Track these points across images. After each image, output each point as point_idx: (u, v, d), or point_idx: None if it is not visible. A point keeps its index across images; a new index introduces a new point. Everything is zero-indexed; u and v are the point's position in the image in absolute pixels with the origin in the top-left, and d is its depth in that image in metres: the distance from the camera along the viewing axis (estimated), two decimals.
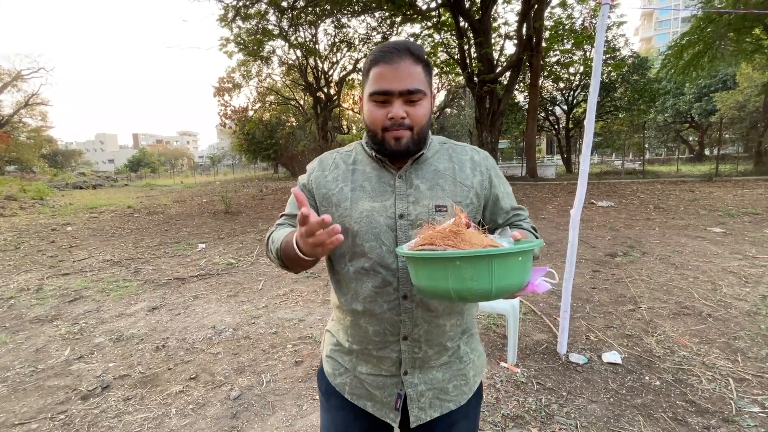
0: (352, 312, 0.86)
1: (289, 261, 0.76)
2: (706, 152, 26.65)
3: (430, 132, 0.87)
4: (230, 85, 24.05)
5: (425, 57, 0.80)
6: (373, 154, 0.85)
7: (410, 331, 0.83)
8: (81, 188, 20.23)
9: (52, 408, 2.10)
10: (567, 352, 2.51)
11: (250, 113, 26.15)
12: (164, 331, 3.04)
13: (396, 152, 0.80)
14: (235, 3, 12.78)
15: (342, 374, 0.91)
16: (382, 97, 0.77)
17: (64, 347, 2.81)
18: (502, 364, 2.41)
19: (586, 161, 2.34)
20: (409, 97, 0.77)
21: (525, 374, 2.29)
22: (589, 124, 2.30)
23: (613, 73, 18.28)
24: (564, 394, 2.10)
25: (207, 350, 2.72)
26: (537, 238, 0.83)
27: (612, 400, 2.04)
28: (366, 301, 0.82)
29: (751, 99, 19.82)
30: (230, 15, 13.24)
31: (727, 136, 21.69)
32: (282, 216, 0.92)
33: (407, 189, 0.83)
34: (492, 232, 0.78)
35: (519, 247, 0.61)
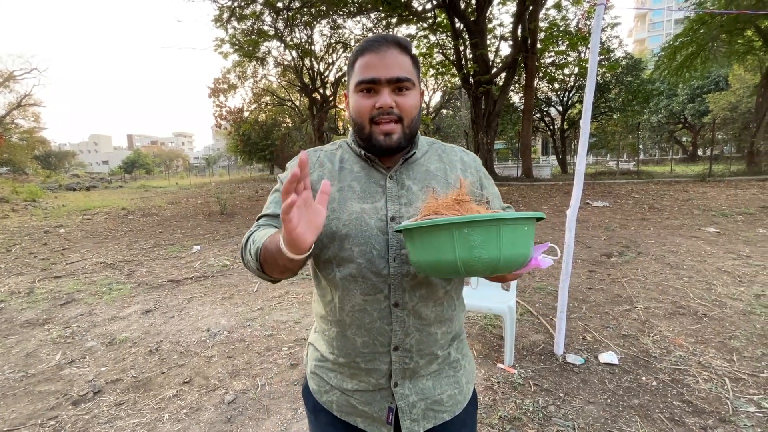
0: (339, 322, 0.80)
1: (269, 260, 0.66)
2: (700, 153, 26.91)
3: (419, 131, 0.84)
4: (226, 86, 23.94)
5: (412, 50, 0.77)
6: (362, 152, 0.80)
7: (401, 341, 0.78)
8: (74, 190, 20.05)
9: (42, 414, 2.06)
10: (564, 352, 2.50)
11: (246, 114, 26.06)
12: (158, 335, 3.00)
13: (386, 149, 0.76)
14: (230, 4, 12.73)
15: (328, 392, 0.85)
16: (369, 86, 0.73)
17: (55, 351, 2.76)
18: (500, 365, 2.40)
19: (582, 162, 2.34)
20: (398, 84, 0.73)
21: (522, 375, 2.28)
22: (585, 125, 2.30)
23: (607, 75, 18.42)
24: (561, 395, 2.09)
25: (201, 353, 2.69)
26: None
27: (609, 400, 2.03)
28: (354, 310, 0.78)
29: (743, 100, 20.04)
30: (225, 16, 13.20)
31: (719, 136, 21.92)
32: (262, 217, 0.83)
33: (399, 190, 0.79)
34: None
35: (526, 214, 0.59)
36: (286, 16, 13.94)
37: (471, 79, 13.58)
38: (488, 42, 14.45)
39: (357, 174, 0.80)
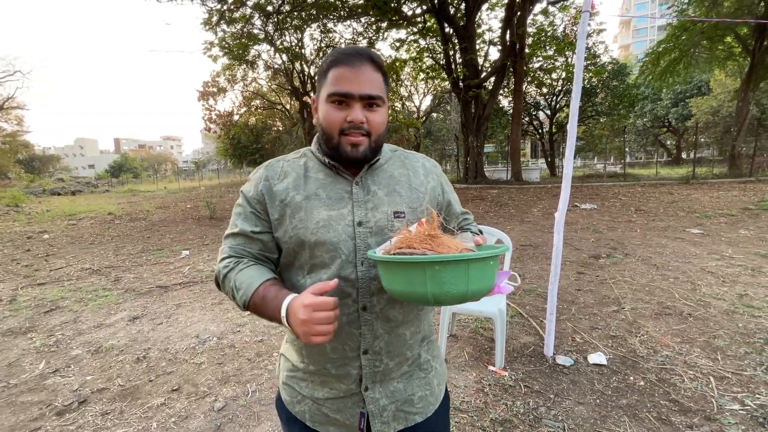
0: None
1: (259, 313, 0.73)
2: (683, 155, 27.52)
3: None
4: (215, 90, 23.76)
5: (384, 67, 0.80)
6: (327, 161, 0.80)
7: (370, 345, 0.79)
8: (59, 194, 19.64)
9: (25, 425, 2.01)
10: (554, 354, 2.53)
11: (236, 118, 25.86)
12: (145, 342, 2.94)
13: (352, 159, 0.77)
14: (219, 7, 12.66)
15: (300, 402, 0.86)
16: (342, 99, 0.74)
17: (38, 360, 2.69)
18: (490, 367, 2.41)
19: (569, 165, 2.38)
20: (369, 101, 0.75)
21: (513, 377, 2.30)
22: (572, 129, 2.34)
23: (593, 79, 18.76)
24: (551, 396, 2.11)
25: (190, 360, 2.65)
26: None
27: (598, 401, 2.06)
28: None
29: (724, 104, 20.60)
30: (214, 19, 13.12)
31: (702, 140, 22.46)
32: (231, 236, 0.82)
33: (365, 195, 0.80)
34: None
35: (494, 252, 0.64)
36: (276, 19, 13.91)
37: (461, 84, 13.70)
38: (477, 47, 14.62)
39: (322, 181, 0.81)
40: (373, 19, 14.49)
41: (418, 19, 14.34)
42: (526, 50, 14.08)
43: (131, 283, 4.49)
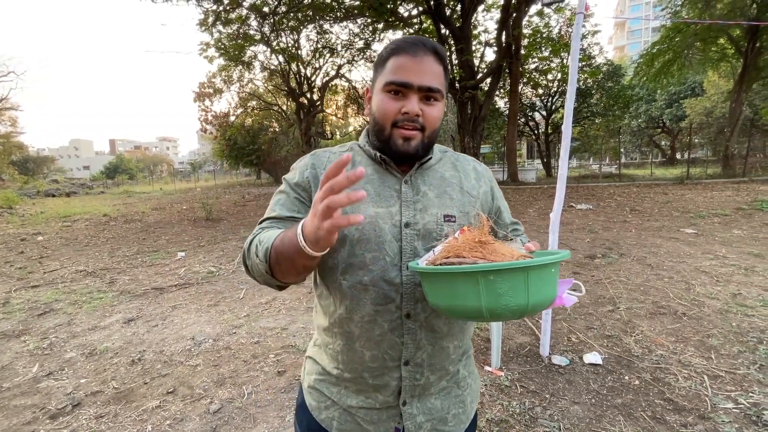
0: (345, 334, 0.75)
1: (283, 261, 0.61)
2: (678, 156, 27.72)
3: None
4: (211, 90, 23.67)
5: (446, 60, 0.75)
6: (377, 154, 0.76)
7: (412, 355, 0.74)
8: (53, 196, 19.49)
9: (18, 429, 1.99)
10: (549, 354, 2.54)
11: (232, 118, 25.77)
12: (140, 344, 2.93)
13: (403, 154, 0.73)
14: (215, 7, 12.62)
15: (329, 407, 0.79)
16: (399, 88, 0.70)
17: (32, 363, 2.67)
18: (487, 368, 2.42)
19: (564, 165, 2.39)
20: (428, 94, 0.71)
21: (509, 378, 2.30)
22: (567, 130, 2.35)
23: (589, 80, 18.86)
24: (547, 396, 2.12)
25: (186, 362, 2.63)
26: None
27: (594, 400, 2.07)
28: (363, 321, 0.73)
29: (717, 105, 20.79)
30: (210, 19, 13.07)
31: (696, 140, 22.64)
32: (266, 220, 0.77)
33: (414, 195, 0.75)
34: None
35: (555, 258, 0.55)
36: (272, 20, 13.89)
37: (457, 84, 13.73)
38: (473, 48, 14.66)
39: (370, 176, 0.76)
40: (369, 20, 14.50)
41: (415, 21, 14.36)
42: (522, 51, 14.14)
43: (126, 285, 4.46)
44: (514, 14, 12.36)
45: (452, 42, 13.62)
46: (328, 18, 14.27)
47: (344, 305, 0.74)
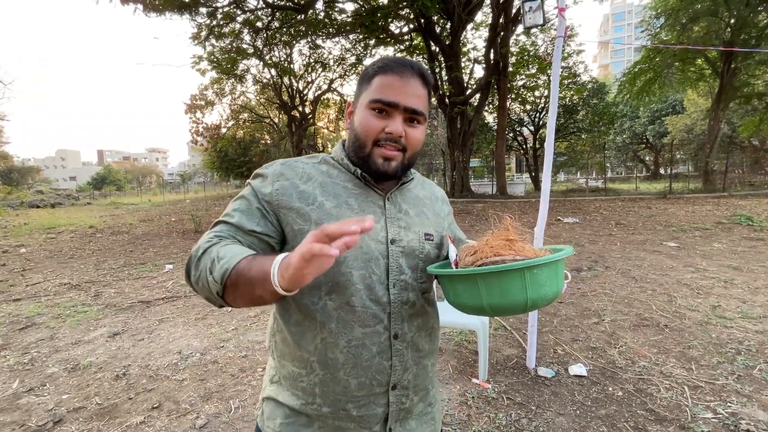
0: (327, 363, 0.68)
1: (242, 287, 0.56)
2: (661, 171, 28.50)
3: None
4: (203, 103, 23.68)
5: (431, 86, 0.75)
6: (357, 171, 0.74)
7: (400, 378, 0.71)
8: (38, 207, 19.09)
9: None
10: (536, 366, 2.57)
11: (223, 130, 25.77)
12: (125, 358, 2.88)
13: (382, 173, 0.72)
14: (208, 22, 12.76)
15: None
16: (384, 107, 0.69)
17: (12, 379, 2.60)
18: (474, 380, 2.44)
19: (547, 181, 2.47)
20: (412, 116, 0.71)
21: (496, 390, 2.33)
22: (549, 147, 2.44)
23: (575, 97, 19.42)
24: (533, 408, 2.15)
25: (172, 377, 2.60)
26: None
27: (578, 412, 2.10)
28: (350, 345, 0.68)
29: (697, 123, 21.55)
30: (204, 34, 13.19)
31: (678, 156, 23.35)
32: (223, 223, 0.69)
33: (397, 213, 0.75)
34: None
35: (568, 252, 0.68)
36: (265, 35, 14.08)
37: (447, 100, 14.02)
38: (463, 65, 15.04)
39: (352, 191, 0.73)
40: (361, 37, 14.80)
41: (405, 38, 14.71)
42: (510, 68, 14.53)
43: (112, 298, 4.39)
44: (502, 33, 12.76)
45: (442, 59, 13.95)
46: (320, 33, 14.52)
47: (328, 329, 0.68)
